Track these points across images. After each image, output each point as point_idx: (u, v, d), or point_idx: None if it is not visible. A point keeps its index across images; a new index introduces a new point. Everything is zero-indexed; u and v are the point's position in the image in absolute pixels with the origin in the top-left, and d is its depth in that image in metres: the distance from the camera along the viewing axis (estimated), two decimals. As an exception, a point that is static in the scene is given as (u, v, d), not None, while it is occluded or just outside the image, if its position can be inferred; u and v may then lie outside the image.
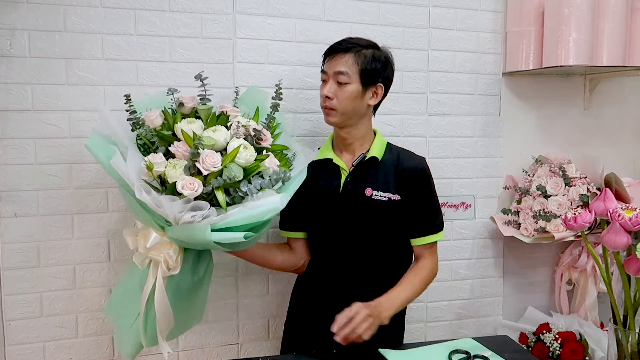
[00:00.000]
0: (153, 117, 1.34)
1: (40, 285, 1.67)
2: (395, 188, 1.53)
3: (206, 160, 1.22)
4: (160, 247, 1.27)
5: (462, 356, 1.35)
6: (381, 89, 1.55)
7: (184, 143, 1.27)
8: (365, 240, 1.54)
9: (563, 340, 1.92)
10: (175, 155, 1.27)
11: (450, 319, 2.13)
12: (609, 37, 1.89)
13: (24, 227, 1.65)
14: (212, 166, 1.22)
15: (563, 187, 1.96)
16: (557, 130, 2.18)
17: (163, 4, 1.71)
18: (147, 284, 1.30)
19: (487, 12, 2.06)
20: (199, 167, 1.22)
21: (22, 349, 1.67)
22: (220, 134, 1.28)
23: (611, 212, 1.08)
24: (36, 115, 1.63)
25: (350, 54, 1.49)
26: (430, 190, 1.59)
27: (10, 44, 1.60)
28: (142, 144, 1.34)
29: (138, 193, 1.20)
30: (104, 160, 1.29)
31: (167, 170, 1.22)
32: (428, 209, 1.58)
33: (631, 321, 1.10)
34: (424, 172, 1.57)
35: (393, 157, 1.57)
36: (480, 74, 2.08)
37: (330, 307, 1.46)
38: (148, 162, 1.23)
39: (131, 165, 1.25)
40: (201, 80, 1.38)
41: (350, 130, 1.55)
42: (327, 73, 1.51)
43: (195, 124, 1.30)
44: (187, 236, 1.25)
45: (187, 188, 1.20)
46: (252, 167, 1.29)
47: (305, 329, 1.61)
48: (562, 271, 2.14)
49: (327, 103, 1.50)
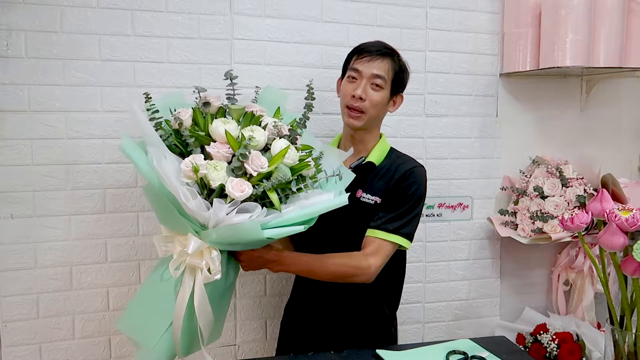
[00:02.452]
0: (185, 115, 1.29)
1: (36, 287, 1.67)
2: (382, 192, 1.50)
3: (255, 160, 1.20)
4: (201, 252, 1.23)
5: (460, 357, 1.35)
6: (401, 99, 1.56)
7: (223, 144, 1.23)
8: (351, 240, 1.50)
9: (560, 341, 1.92)
10: (214, 156, 1.22)
11: (448, 320, 2.13)
12: (606, 39, 1.89)
13: (20, 228, 1.64)
14: (260, 167, 1.20)
15: (560, 188, 1.96)
16: (554, 131, 2.19)
17: (160, 5, 1.71)
18: (183, 292, 1.23)
19: (484, 13, 2.07)
20: (247, 168, 1.20)
21: (18, 350, 1.67)
22: (260, 133, 1.25)
23: (608, 213, 1.08)
24: (33, 116, 1.62)
25: (388, 59, 1.49)
26: (405, 193, 1.48)
27: (7, 45, 1.59)
28: (169, 146, 1.28)
29: (185, 199, 1.16)
30: (142, 164, 1.23)
31: (208, 172, 1.18)
32: (392, 207, 1.47)
33: (628, 322, 1.10)
34: (409, 176, 1.49)
35: (391, 163, 1.54)
36: (478, 75, 2.08)
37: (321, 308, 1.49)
38: (194, 164, 1.19)
39: (170, 167, 1.20)
40: (230, 78, 1.35)
41: (363, 133, 1.53)
42: (362, 73, 1.47)
43: (231, 124, 1.26)
44: (234, 235, 1.21)
45: (237, 190, 1.17)
46: (299, 167, 1.28)
47: (300, 329, 1.60)
48: (559, 272, 2.15)
49: (358, 104, 1.46)
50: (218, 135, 1.25)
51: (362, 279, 1.43)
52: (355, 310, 1.54)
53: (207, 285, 1.23)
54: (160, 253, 1.29)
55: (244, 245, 1.31)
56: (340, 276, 1.44)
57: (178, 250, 1.23)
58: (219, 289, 1.29)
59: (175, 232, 1.27)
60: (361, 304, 1.54)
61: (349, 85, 1.49)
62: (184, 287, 1.23)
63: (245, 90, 1.79)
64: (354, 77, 1.49)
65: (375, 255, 1.43)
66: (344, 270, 1.42)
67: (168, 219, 1.28)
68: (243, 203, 1.20)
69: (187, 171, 1.19)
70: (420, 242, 2.06)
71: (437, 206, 2.07)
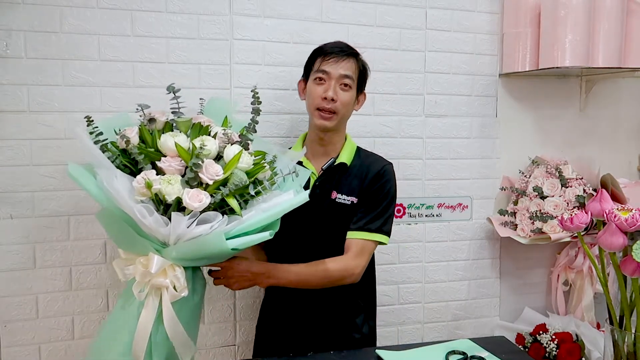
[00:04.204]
0: (131, 134, 1.28)
1: (36, 287, 1.67)
2: (357, 192, 1.53)
3: (208, 169, 1.19)
4: (164, 271, 1.20)
5: (459, 357, 1.35)
6: (364, 96, 1.60)
7: (174, 157, 1.22)
8: (327, 242, 1.52)
9: (559, 341, 1.92)
10: (166, 171, 1.21)
11: (447, 320, 2.13)
12: (605, 39, 1.90)
13: (19, 228, 1.64)
14: (216, 175, 1.19)
15: (559, 188, 1.97)
16: (554, 132, 2.19)
17: (160, 5, 1.71)
18: (146, 314, 1.19)
19: (484, 13, 2.07)
20: (202, 177, 1.18)
21: (17, 350, 1.66)
22: (211, 143, 1.24)
23: (607, 213, 1.08)
24: (32, 117, 1.62)
25: (353, 59, 1.52)
26: (381, 192, 1.53)
27: (7, 45, 1.59)
28: (117, 166, 1.25)
29: (140, 215, 1.14)
30: (93, 187, 1.21)
31: (162, 187, 1.16)
32: (370, 207, 1.52)
33: (627, 322, 1.10)
34: (382, 175, 1.54)
35: (361, 162, 1.57)
36: (477, 75, 2.08)
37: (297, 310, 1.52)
38: (147, 180, 1.17)
39: (122, 187, 1.18)
40: (173, 92, 1.33)
41: (332, 134, 1.55)
42: (330, 74, 1.49)
43: (179, 136, 1.25)
44: (198, 250, 1.20)
45: (195, 200, 1.16)
46: (254, 171, 1.27)
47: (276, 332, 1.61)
48: (558, 272, 2.15)
49: (329, 105, 1.48)
50: (168, 149, 1.23)
51: (350, 280, 1.49)
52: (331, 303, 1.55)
53: (175, 303, 1.21)
54: (121, 277, 1.26)
55: (209, 260, 1.30)
56: (332, 281, 1.48)
57: (140, 271, 1.19)
58: (188, 306, 1.26)
59: (135, 253, 1.24)
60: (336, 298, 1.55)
61: (317, 87, 1.50)
62: (148, 308, 1.20)
63: (245, 90, 1.80)
64: (321, 78, 1.50)
65: (360, 256, 1.49)
66: (333, 275, 1.46)
67: (126, 241, 1.25)
68: (203, 213, 1.18)
69: (140, 188, 1.17)
70: (420, 242, 2.06)
71: (437, 206, 2.07)
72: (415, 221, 2.05)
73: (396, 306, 2.06)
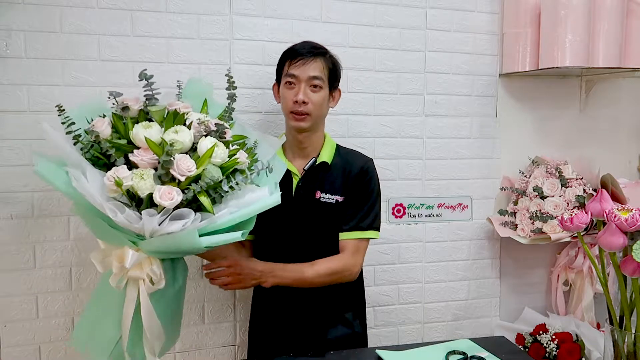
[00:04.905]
0: (102, 126, 1.20)
1: (36, 287, 1.67)
2: (342, 190, 1.55)
3: (180, 165, 1.13)
4: (140, 264, 1.18)
5: (459, 357, 1.35)
6: (339, 93, 1.61)
7: (147, 150, 1.17)
8: (314, 241, 1.55)
9: (559, 341, 1.92)
10: (139, 164, 1.16)
11: (447, 320, 2.13)
12: (605, 39, 1.90)
13: (19, 228, 1.64)
14: (188, 171, 1.14)
15: (559, 188, 1.97)
16: (554, 132, 2.19)
17: (160, 5, 1.71)
18: (127, 305, 1.20)
19: (484, 13, 2.07)
20: (173, 174, 1.14)
21: (17, 350, 1.66)
22: (184, 134, 1.19)
23: (607, 213, 1.08)
24: (32, 117, 1.62)
25: (321, 58, 1.53)
26: (367, 190, 1.57)
27: (7, 45, 1.59)
28: (91, 158, 1.20)
29: (112, 214, 1.11)
30: (61, 185, 1.16)
31: (135, 183, 1.12)
32: (359, 206, 1.56)
33: (627, 322, 1.10)
34: (366, 172, 1.57)
35: (342, 160, 1.59)
36: (477, 75, 2.08)
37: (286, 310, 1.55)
38: (116, 178, 1.12)
39: (93, 184, 1.13)
40: (146, 79, 1.26)
41: (309, 134, 1.56)
42: (298, 77, 1.50)
43: (152, 128, 1.19)
44: (171, 246, 1.18)
45: (166, 198, 1.11)
46: (229, 165, 1.22)
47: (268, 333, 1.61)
48: (558, 272, 2.15)
49: (302, 108, 1.50)
50: (140, 142, 1.18)
51: (350, 278, 1.55)
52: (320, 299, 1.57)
53: (154, 294, 1.20)
54: (100, 269, 1.24)
55: (185, 253, 1.29)
56: (333, 279, 1.52)
57: (116, 265, 1.18)
58: (168, 295, 1.25)
59: (112, 244, 1.22)
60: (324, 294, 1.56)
61: (288, 92, 1.52)
62: (128, 299, 1.19)
63: (245, 91, 1.80)
64: (291, 82, 1.52)
65: (357, 255, 1.55)
66: (335, 273, 1.51)
67: (103, 233, 1.22)
68: (176, 210, 1.15)
69: (111, 185, 1.13)
70: (419, 242, 2.06)
71: (437, 206, 2.07)
72: (415, 221, 2.05)
73: (396, 306, 2.06)
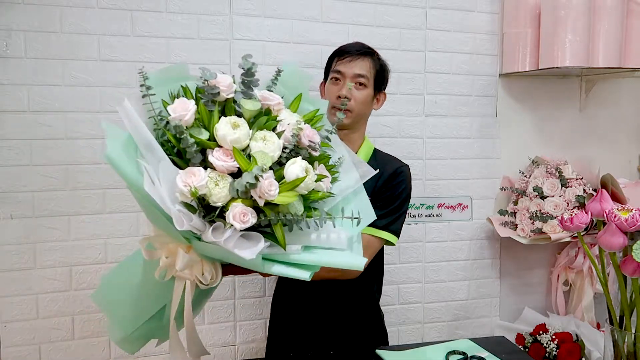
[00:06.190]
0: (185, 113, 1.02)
1: (36, 287, 1.67)
2: (370, 192, 1.51)
3: (264, 186, 0.98)
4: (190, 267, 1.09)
5: (459, 357, 1.35)
6: (384, 96, 1.60)
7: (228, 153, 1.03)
8: None
9: (560, 341, 1.93)
10: (217, 168, 1.02)
11: (447, 320, 2.13)
12: (605, 39, 1.90)
13: (19, 228, 1.64)
14: (269, 194, 1.00)
15: (559, 188, 1.97)
16: (554, 132, 2.19)
17: (160, 5, 1.71)
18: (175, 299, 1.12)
19: (484, 13, 2.07)
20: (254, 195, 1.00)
21: (17, 350, 1.66)
22: (272, 146, 1.04)
23: (607, 213, 1.08)
24: (32, 117, 1.62)
25: (369, 58, 1.53)
26: (394, 192, 1.50)
27: (7, 45, 1.59)
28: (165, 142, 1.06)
29: (179, 225, 0.98)
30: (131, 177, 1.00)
31: (209, 190, 1.00)
32: (381, 205, 1.47)
33: (627, 322, 1.10)
34: (398, 175, 1.52)
35: (376, 163, 1.51)
36: (477, 75, 2.08)
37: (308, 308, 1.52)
38: (193, 188, 0.98)
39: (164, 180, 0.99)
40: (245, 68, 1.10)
41: (348, 133, 1.55)
42: (344, 74, 1.51)
43: (241, 128, 1.03)
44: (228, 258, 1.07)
45: (238, 220, 0.99)
46: (311, 196, 1.08)
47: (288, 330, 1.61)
48: (558, 272, 2.15)
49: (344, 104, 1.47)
50: (223, 141, 1.03)
51: (351, 275, 1.46)
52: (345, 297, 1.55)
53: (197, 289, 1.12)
54: (145, 256, 1.13)
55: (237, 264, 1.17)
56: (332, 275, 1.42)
57: (164, 261, 1.08)
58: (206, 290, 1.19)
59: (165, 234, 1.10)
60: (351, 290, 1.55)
61: (333, 87, 1.53)
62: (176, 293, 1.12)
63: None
64: (337, 78, 1.52)
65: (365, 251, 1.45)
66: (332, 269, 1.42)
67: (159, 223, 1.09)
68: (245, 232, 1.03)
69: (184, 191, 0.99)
70: (419, 242, 2.06)
71: (437, 206, 2.07)
72: (415, 221, 2.05)
73: (396, 306, 2.06)
